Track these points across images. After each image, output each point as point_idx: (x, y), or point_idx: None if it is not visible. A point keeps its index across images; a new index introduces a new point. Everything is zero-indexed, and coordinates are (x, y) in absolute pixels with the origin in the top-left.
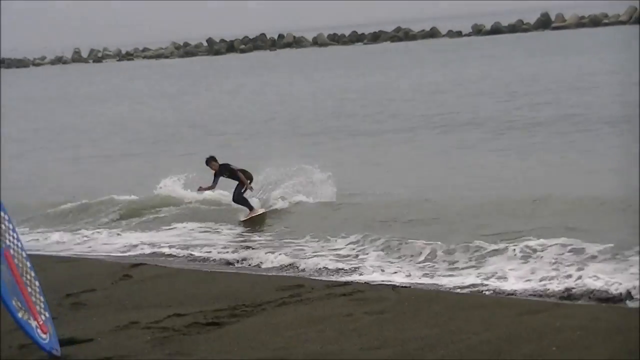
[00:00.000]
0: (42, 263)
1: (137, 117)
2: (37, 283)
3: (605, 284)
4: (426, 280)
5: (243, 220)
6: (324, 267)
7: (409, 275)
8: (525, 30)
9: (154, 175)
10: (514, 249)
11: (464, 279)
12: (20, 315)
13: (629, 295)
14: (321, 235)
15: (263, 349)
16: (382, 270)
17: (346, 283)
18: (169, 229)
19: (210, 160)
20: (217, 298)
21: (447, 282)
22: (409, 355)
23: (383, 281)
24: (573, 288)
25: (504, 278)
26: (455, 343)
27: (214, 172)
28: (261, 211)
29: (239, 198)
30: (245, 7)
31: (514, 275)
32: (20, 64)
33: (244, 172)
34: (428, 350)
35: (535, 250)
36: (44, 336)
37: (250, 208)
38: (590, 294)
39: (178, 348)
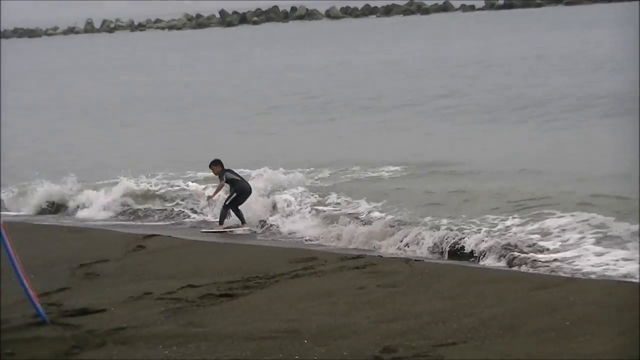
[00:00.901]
0: (54, 233)
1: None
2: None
3: (619, 260)
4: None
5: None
6: None
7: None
8: (538, 5)
9: None
10: (530, 224)
11: (477, 252)
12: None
13: None
14: None
15: (276, 320)
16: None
17: (359, 256)
18: None
19: (212, 164)
20: (230, 270)
21: (460, 255)
22: (422, 328)
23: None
24: (588, 264)
25: (517, 253)
26: (467, 317)
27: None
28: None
29: (222, 210)
30: None
31: (527, 250)
32: (33, 33)
33: (237, 182)
34: (441, 323)
35: (552, 226)
36: (38, 305)
37: (221, 222)
38: (605, 271)
39: (191, 319)
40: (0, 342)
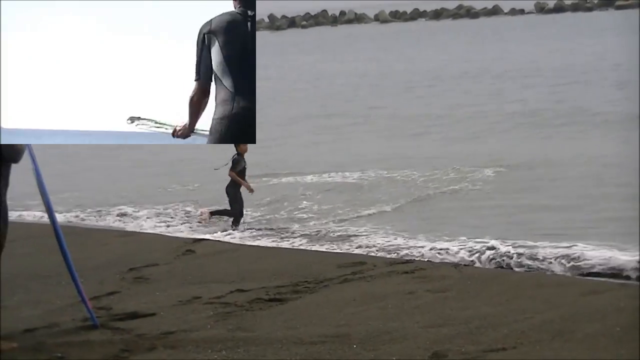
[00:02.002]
0: (102, 237)
1: None
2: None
3: None
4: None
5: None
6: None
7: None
8: (588, 9)
9: None
10: (575, 229)
11: (524, 258)
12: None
13: None
14: None
15: (325, 325)
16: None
17: (408, 261)
18: None
19: None
20: (279, 274)
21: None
22: (472, 333)
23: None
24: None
25: (566, 258)
26: (518, 322)
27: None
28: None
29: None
30: None
31: (576, 256)
32: None
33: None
34: (491, 328)
35: (598, 229)
36: (91, 309)
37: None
38: None
39: (240, 323)
40: (48, 344)
